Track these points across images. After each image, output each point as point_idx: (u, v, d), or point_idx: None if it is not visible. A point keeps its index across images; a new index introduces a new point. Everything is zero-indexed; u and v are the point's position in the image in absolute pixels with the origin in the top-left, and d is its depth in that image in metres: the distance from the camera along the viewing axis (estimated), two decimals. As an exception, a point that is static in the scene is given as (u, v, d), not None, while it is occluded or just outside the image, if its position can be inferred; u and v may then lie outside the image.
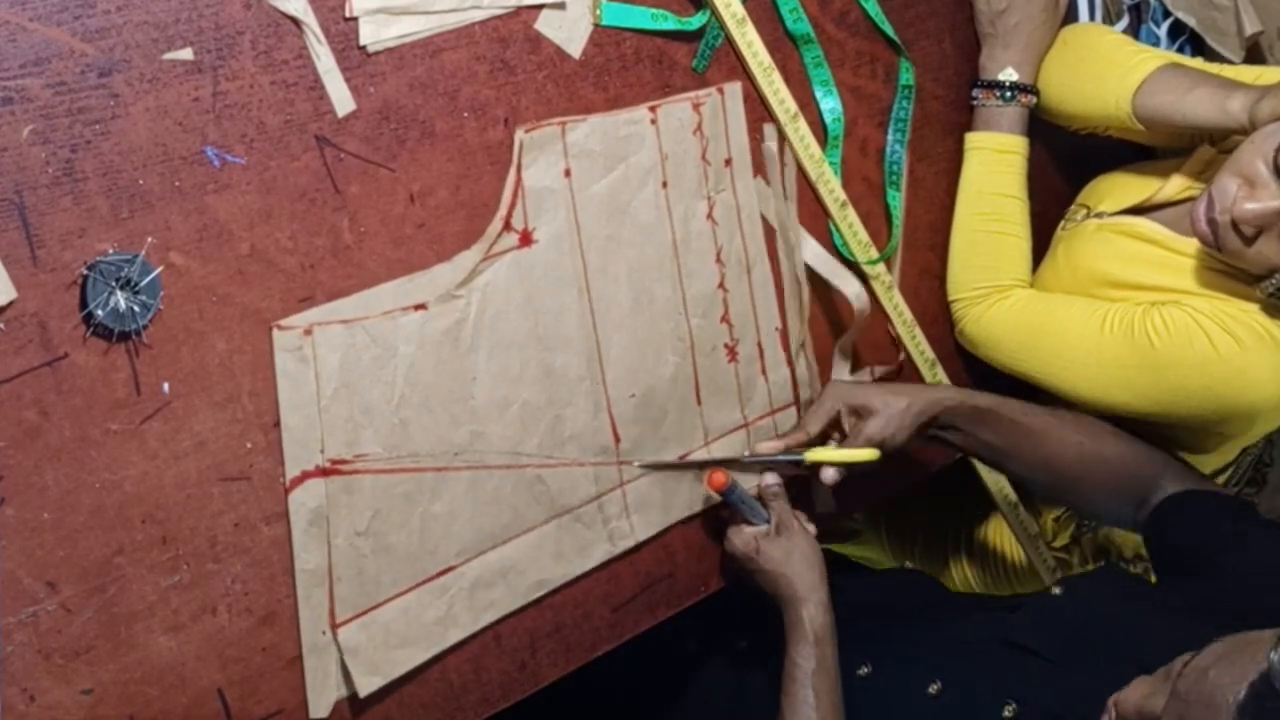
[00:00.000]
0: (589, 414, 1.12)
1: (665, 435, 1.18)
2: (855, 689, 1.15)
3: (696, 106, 1.15)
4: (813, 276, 1.27)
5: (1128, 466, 1.21)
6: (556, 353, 1.09)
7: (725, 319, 1.21)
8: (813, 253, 1.25)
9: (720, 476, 1.17)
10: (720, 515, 1.26)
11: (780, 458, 1.21)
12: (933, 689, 1.09)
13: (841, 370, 1.33)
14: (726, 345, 1.22)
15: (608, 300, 1.12)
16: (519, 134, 1.05)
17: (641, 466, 1.17)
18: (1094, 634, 1.03)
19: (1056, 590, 1.13)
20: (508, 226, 1.05)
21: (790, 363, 1.27)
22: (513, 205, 1.05)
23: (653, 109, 1.13)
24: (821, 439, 1.22)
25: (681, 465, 1.20)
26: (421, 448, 1.02)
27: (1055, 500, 1.35)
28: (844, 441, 1.21)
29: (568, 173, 1.08)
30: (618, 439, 1.15)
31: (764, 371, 1.25)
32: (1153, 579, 1.52)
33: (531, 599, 1.12)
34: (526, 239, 1.07)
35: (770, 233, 1.24)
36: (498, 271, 1.05)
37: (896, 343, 1.38)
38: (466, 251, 1.04)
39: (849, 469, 1.19)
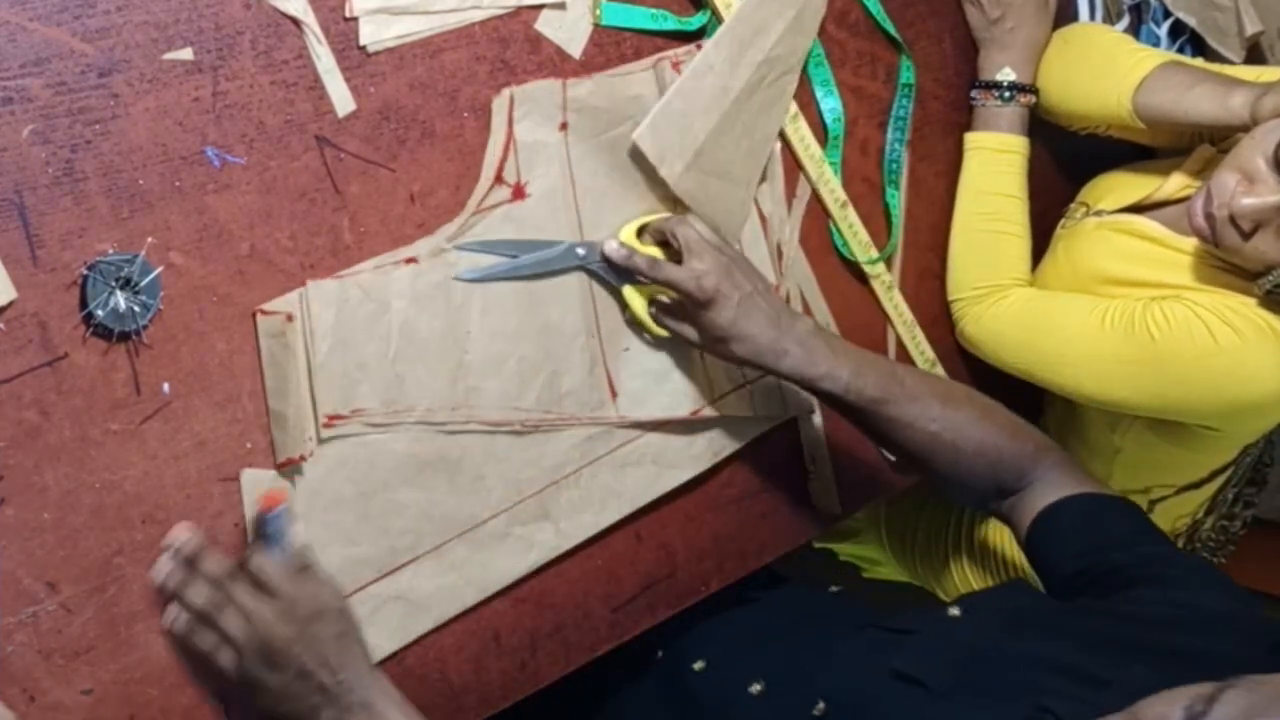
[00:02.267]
0: (585, 369, 1.12)
1: (668, 390, 1.18)
2: (746, 706, 1.07)
3: (675, 66, 1.15)
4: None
5: (988, 457, 1.12)
6: (551, 308, 1.10)
7: None
8: None
9: (278, 496, 0.87)
10: (725, 495, 1.26)
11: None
12: (817, 711, 1.00)
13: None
14: None
15: None
16: (507, 90, 1.05)
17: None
18: (988, 665, 0.94)
19: (955, 611, 1.02)
20: (499, 180, 1.05)
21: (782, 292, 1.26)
22: (504, 159, 1.05)
23: (655, 65, 1.13)
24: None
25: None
26: (418, 402, 1.02)
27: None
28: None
29: (564, 126, 1.08)
30: (614, 393, 1.14)
31: None
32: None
33: (533, 567, 1.12)
34: (519, 192, 1.07)
35: (761, 181, 1.23)
36: (489, 225, 1.05)
37: None
38: (459, 213, 1.04)
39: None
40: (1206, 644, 0.90)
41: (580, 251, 1.10)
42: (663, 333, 1.14)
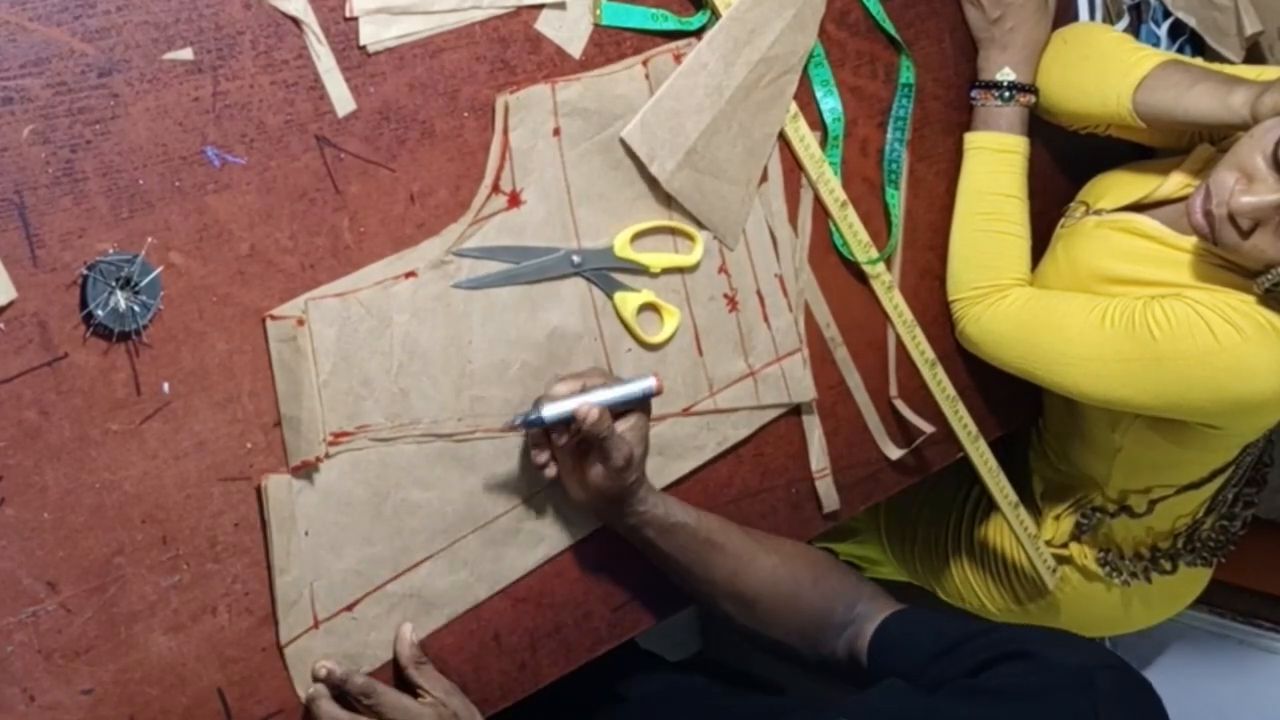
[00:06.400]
0: None
1: (668, 388, 1.18)
2: None
3: (678, 57, 1.15)
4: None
5: (819, 589, 1.15)
6: (552, 312, 1.10)
7: (723, 269, 1.21)
8: None
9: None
10: (724, 495, 1.26)
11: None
12: None
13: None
14: (725, 295, 1.21)
15: None
16: (501, 98, 1.05)
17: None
18: None
19: None
20: (496, 189, 1.05)
21: (793, 308, 1.27)
22: (500, 168, 1.05)
23: (645, 62, 1.13)
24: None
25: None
26: (424, 415, 1.03)
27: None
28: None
29: (556, 131, 1.08)
30: None
31: (766, 319, 1.25)
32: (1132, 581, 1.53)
33: (544, 560, 1.13)
34: (515, 200, 1.07)
35: (762, 181, 1.23)
36: (487, 235, 1.05)
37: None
38: (454, 224, 1.04)
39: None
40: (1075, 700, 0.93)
41: (575, 259, 1.10)
42: (651, 339, 1.15)
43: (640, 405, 1.08)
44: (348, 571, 1.01)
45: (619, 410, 1.06)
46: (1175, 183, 1.33)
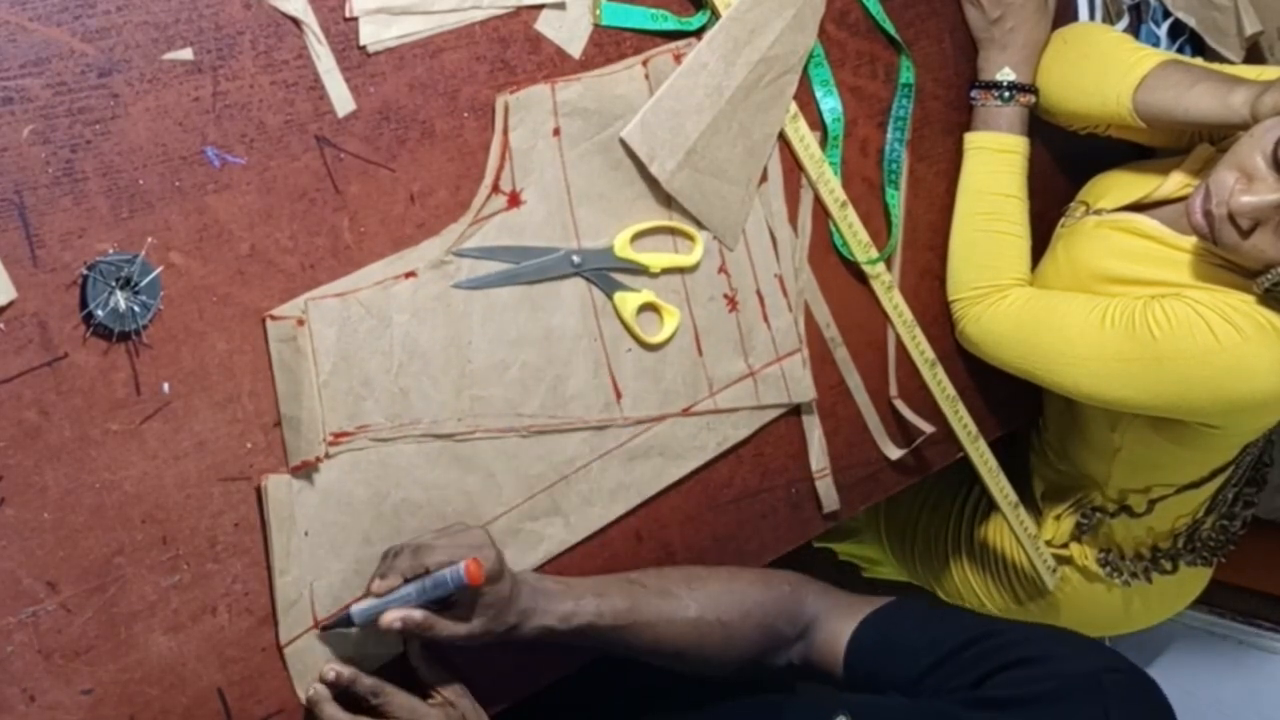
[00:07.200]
0: (590, 372, 1.13)
1: (668, 389, 1.18)
2: None
3: (678, 57, 1.15)
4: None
5: (751, 621, 1.11)
6: (553, 313, 1.10)
7: (722, 269, 1.21)
8: None
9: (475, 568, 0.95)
10: (724, 495, 1.26)
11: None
12: None
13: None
14: (725, 295, 1.22)
15: None
16: (501, 98, 1.05)
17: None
18: None
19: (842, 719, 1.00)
20: (496, 189, 1.06)
21: (793, 308, 1.27)
22: (500, 168, 1.05)
23: (645, 62, 1.13)
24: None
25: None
26: (424, 415, 1.03)
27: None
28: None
29: (556, 131, 1.08)
30: (619, 394, 1.15)
31: (766, 319, 1.25)
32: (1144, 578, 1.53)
33: (542, 560, 1.13)
34: (515, 200, 1.07)
35: (762, 181, 1.23)
36: (487, 235, 1.05)
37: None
38: (454, 224, 1.04)
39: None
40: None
41: (575, 259, 1.10)
42: (651, 339, 1.15)
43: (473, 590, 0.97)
44: (348, 571, 1.01)
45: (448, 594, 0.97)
46: (1175, 183, 1.33)
